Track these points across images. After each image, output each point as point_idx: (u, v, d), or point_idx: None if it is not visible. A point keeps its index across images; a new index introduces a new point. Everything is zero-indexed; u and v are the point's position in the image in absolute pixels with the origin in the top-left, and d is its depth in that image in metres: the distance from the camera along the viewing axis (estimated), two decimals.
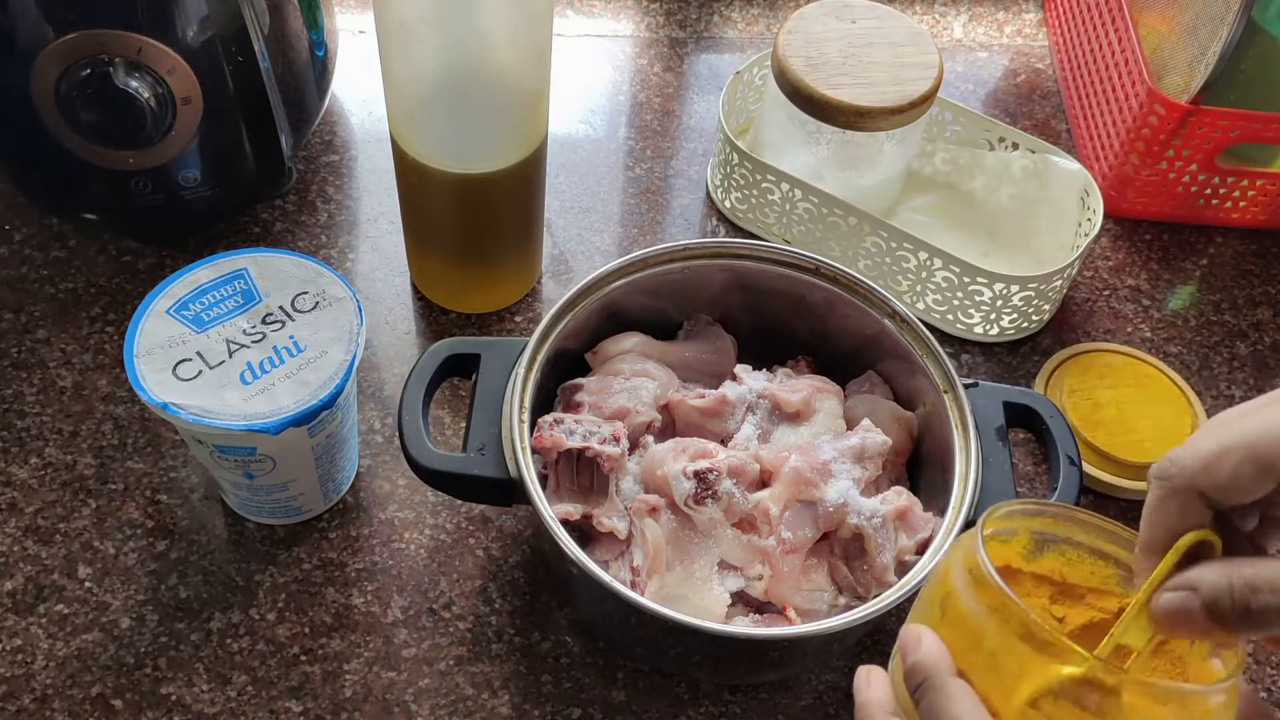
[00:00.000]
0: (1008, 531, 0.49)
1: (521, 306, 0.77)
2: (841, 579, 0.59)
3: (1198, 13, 0.76)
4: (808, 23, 0.78)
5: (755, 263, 0.66)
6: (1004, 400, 0.62)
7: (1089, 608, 0.50)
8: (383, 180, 0.83)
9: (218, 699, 0.60)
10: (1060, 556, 0.51)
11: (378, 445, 0.70)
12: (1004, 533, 0.49)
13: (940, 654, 0.41)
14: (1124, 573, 0.49)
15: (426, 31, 0.60)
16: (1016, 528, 0.49)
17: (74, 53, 0.63)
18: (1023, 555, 0.51)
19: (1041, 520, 0.49)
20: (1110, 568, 0.50)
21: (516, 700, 0.62)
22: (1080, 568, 0.50)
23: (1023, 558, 0.51)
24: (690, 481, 0.58)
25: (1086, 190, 0.78)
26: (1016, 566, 0.51)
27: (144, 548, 0.65)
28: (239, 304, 0.60)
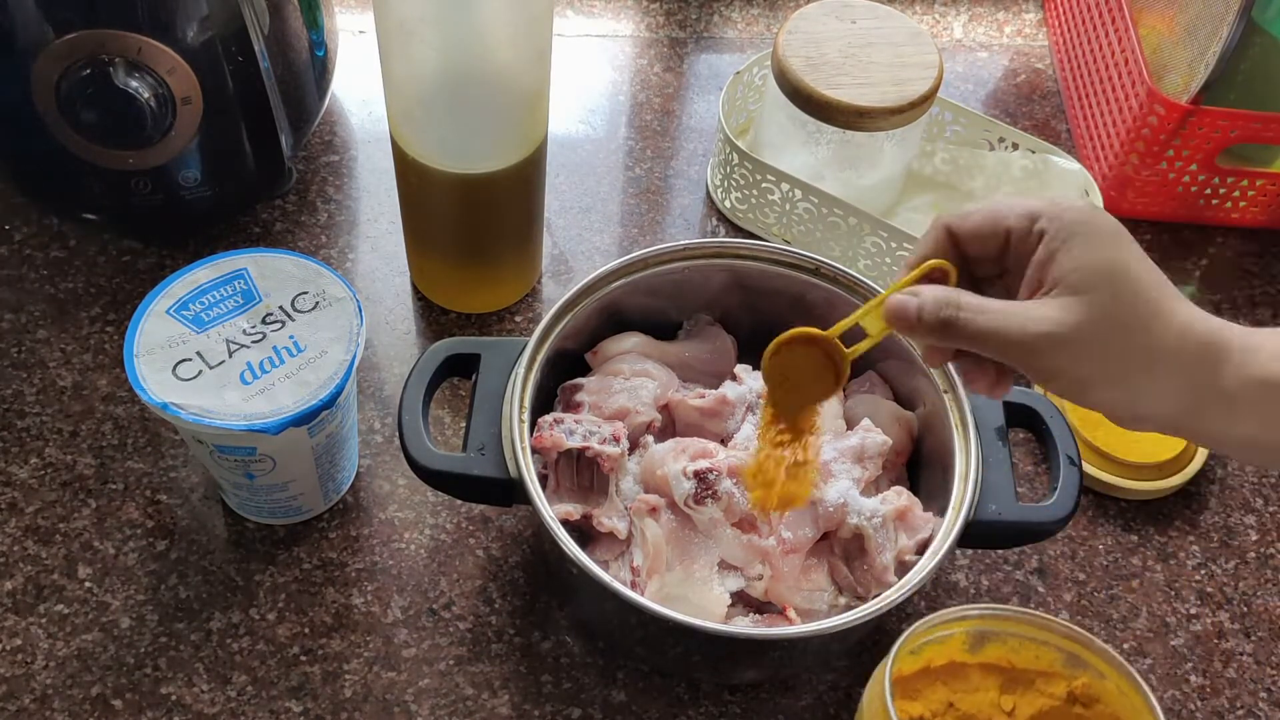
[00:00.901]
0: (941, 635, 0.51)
1: (521, 306, 0.77)
2: (841, 579, 0.59)
3: (1198, 13, 0.76)
4: (808, 23, 0.78)
5: (755, 263, 0.66)
6: (1004, 400, 0.62)
7: (1039, 694, 0.53)
8: (383, 180, 0.83)
9: (218, 699, 0.60)
10: (1003, 645, 0.52)
11: (378, 445, 0.70)
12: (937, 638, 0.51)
13: None
14: (1068, 656, 0.51)
15: (426, 31, 0.60)
16: (951, 631, 0.51)
17: (74, 53, 0.63)
18: (965, 649, 0.52)
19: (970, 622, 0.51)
20: (1054, 652, 0.52)
21: (516, 700, 0.62)
22: (1025, 653, 0.52)
23: (965, 651, 0.52)
24: (690, 481, 0.58)
25: (1086, 190, 0.78)
26: (961, 661, 0.52)
27: (144, 548, 0.65)
28: (239, 304, 0.60)
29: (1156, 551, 0.70)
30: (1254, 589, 0.69)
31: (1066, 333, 0.44)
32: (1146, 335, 0.45)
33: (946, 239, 0.48)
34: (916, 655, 0.52)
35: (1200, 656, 0.66)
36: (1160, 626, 0.67)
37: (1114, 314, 0.44)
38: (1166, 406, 0.46)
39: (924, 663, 0.53)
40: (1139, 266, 0.45)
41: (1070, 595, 0.68)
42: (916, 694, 0.53)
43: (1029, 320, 0.44)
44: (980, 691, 0.53)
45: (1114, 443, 0.71)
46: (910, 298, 0.46)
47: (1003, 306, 0.45)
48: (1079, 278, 0.44)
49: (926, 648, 0.52)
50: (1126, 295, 0.44)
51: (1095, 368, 0.45)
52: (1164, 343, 0.45)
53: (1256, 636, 0.67)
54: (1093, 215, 0.45)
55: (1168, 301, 0.45)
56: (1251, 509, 0.72)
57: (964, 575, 0.68)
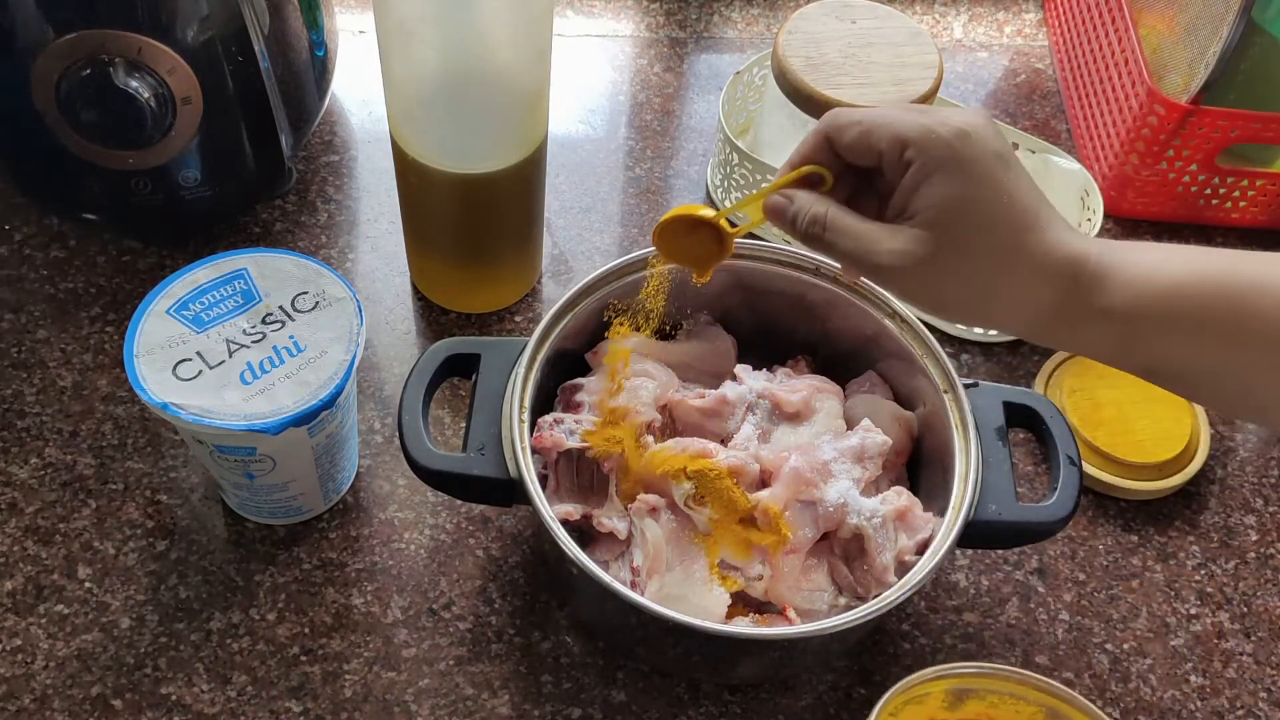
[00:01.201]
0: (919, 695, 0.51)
1: (521, 306, 0.77)
2: (841, 579, 0.59)
3: (1198, 13, 0.76)
4: (808, 23, 0.78)
5: (755, 263, 0.66)
6: (1004, 400, 0.62)
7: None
8: (383, 180, 0.83)
9: (218, 699, 0.60)
10: (982, 701, 0.52)
11: (378, 445, 0.70)
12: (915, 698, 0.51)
13: None
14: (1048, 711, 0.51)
15: (426, 31, 0.60)
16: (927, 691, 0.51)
17: (74, 53, 0.63)
18: (943, 706, 0.52)
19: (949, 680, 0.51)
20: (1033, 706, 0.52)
21: (516, 700, 0.62)
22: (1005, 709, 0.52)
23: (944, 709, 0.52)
24: (690, 482, 0.58)
25: (1086, 190, 0.78)
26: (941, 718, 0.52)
27: (144, 548, 0.65)
28: (239, 304, 0.60)
29: (1156, 551, 0.70)
30: (1254, 589, 0.69)
31: (915, 263, 0.47)
32: (1000, 263, 0.47)
33: (826, 146, 0.50)
34: (896, 717, 0.52)
35: (1200, 656, 0.66)
36: (1160, 626, 0.67)
37: (965, 247, 0.47)
38: (1018, 323, 0.50)
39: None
40: (999, 200, 0.47)
41: (1070, 595, 0.68)
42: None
43: (884, 249, 0.48)
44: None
45: (1114, 443, 0.71)
46: (787, 203, 0.50)
47: (863, 231, 0.48)
48: (934, 214, 0.47)
49: (905, 708, 0.52)
50: (982, 229, 0.47)
51: (947, 292, 0.48)
52: (1020, 268, 0.47)
53: (1256, 636, 0.67)
54: (959, 148, 0.47)
55: (1031, 229, 0.47)
56: (1251, 509, 0.72)
57: (964, 575, 0.68)
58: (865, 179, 0.51)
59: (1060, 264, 0.47)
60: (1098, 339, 0.49)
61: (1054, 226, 0.48)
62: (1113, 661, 0.65)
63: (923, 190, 0.47)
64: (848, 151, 0.50)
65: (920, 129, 0.47)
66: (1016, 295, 0.48)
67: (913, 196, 0.47)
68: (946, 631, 0.65)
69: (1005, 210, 0.47)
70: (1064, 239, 0.48)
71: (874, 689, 0.63)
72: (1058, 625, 0.66)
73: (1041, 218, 0.48)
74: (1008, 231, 0.47)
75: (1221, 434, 0.75)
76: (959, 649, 0.65)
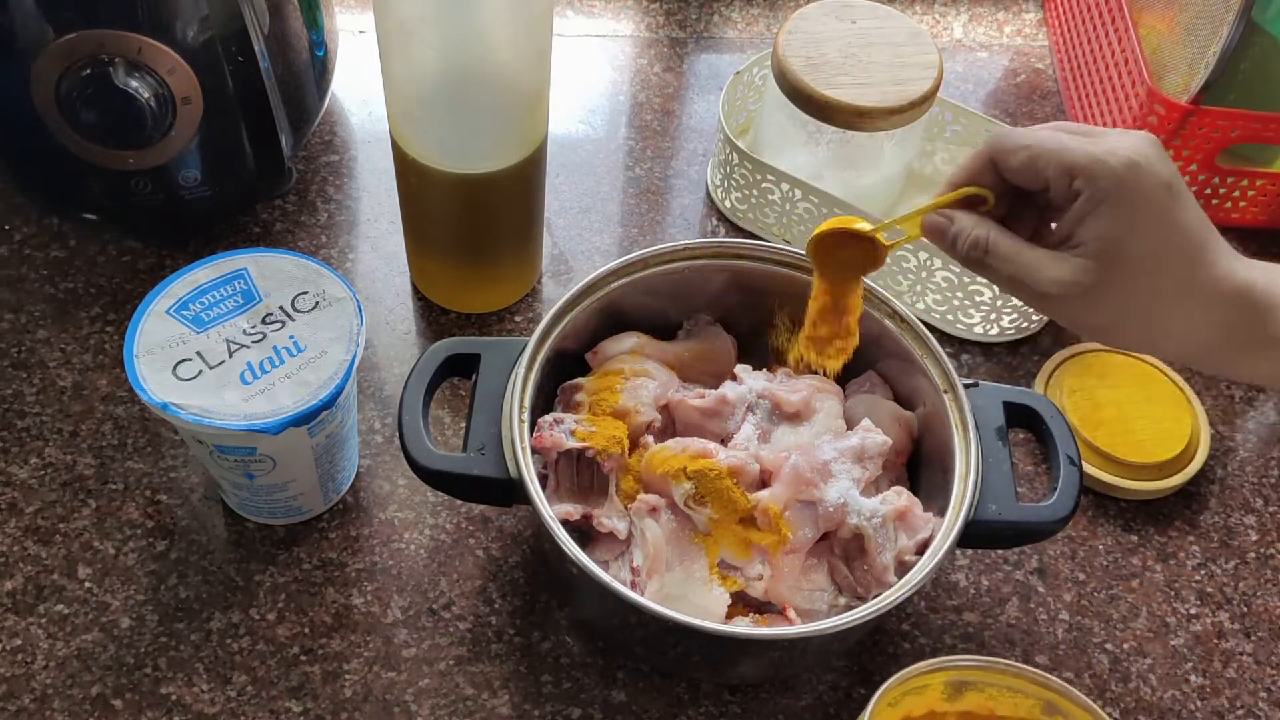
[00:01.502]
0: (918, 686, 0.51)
1: (521, 306, 0.77)
2: (841, 579, 0.59)
3: (1198, 13, 0.76)
4: (808, 23, 0.78)
5: (755, 263, 0.66)
6: (1004, 400, 0.62)
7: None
8: (383, 180, 0.83)
9: (218, 699, 0.60)
10: (981, 693, 0.53)
11: (378, 445, 0.70)
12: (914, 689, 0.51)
13: None
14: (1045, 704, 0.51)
15: (426, 31, 0.60)
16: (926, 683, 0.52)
17: (74, 53, 0.63)
18: (943, 698, 0.53)
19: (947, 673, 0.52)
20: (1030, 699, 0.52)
21: (516, 700, 0.62)
22: (1004, 702, 0.52)
23: (944, 700, 0.53)
24: (690, 482, 0.58)
25: None
26: (941, 710, 0.53)
27: (144, 548, 0.65)
28: (239, 304, 0.60)
29: (1156, 551, 0.70)
30: (1254, 589, 0.69)
31: (1080, 294, 0.47)
32: (1168, 296, 0.47)
33: (989, 167, 0.50)
34: (895, 707, 0.52)
35: (1200, 656, 0.66)
36: (1160, 626, 0.67)
37: (1131, 280, 0.46)
38: (1185, 352, 0.49)
39: (903, 714, 0.53)
40: (1167, 233, 0.46)
41: (1070, 595, 0.68)
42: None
43: (1047, 278, 0.47)
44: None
45: (1114, 443, 0.71)
46: (947, 224, 0.50)
47: (1027, 258, 0.48)
48: (1100, 245, 0.46)
49: (905, 699, 0.52)
50: (1149, 262, 0.46)
51: (1112, 323, 0.48)
52: (1187, 301, 0.47)
53: (1256, 636, 0.67)
54: (1129, 179, 0.46)
55: (1199, 262, 0.47)
56: (1251, 509, 0.72)
57: (964, 575, 0.68)
58: (1025, 196, 0.51)
59: (1229, 295, 0.47)
60: (1270, 366, 0.49)
61: (1222, 256, 0.47)
62: (1113, 661, 0.65)
63: (1089, 221, 0.46)
64: (1013, 175, 0.49)
65: (1089, 158, 0.46)
66: (1184, 326, 0.48)
67: (1079, 226, 0.47)
68: (946, 631, 0.65)
69: (1173, 243, 0.46)
70: (1232, 268, 0.47)
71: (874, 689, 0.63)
72: (1058, 625, 0.66)
73: (1209, 248, 0.47)
74: (1175, 264, 0.47)
75: (1221, 434, 0.75)
76: (959, 649, 0.65)
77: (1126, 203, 0.46)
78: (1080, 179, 0.46)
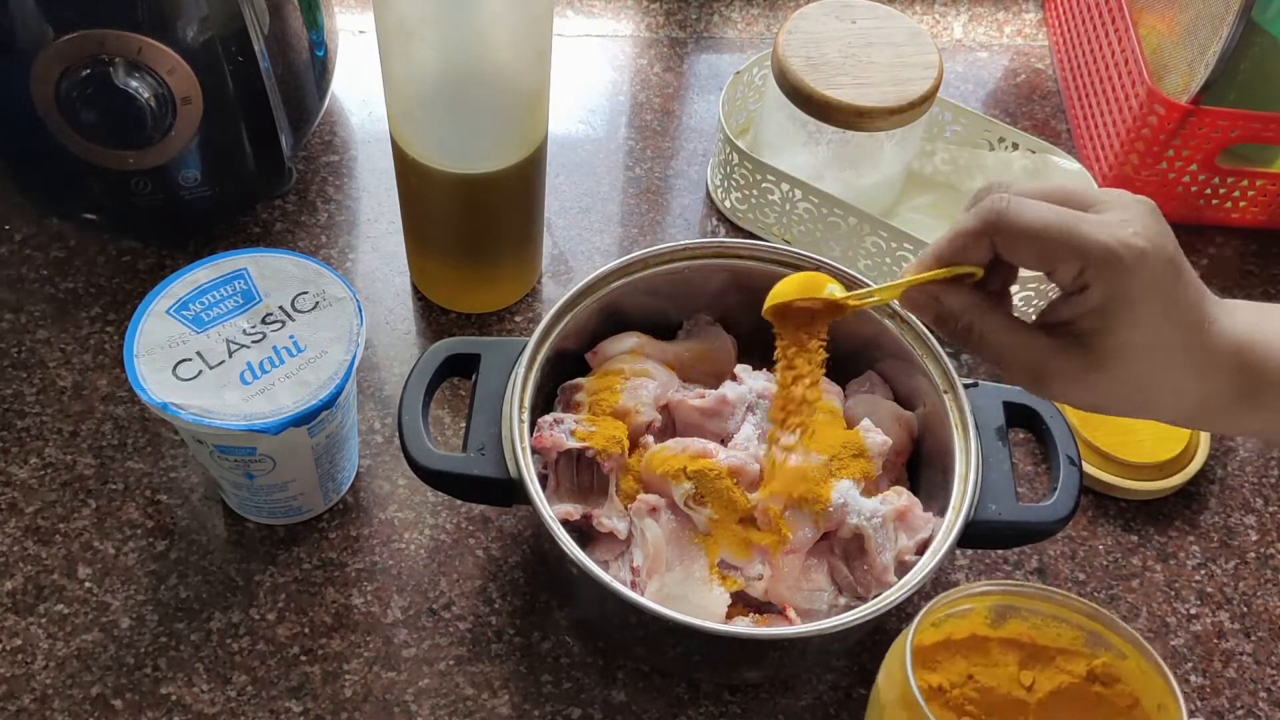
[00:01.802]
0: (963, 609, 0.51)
1: (521, 306, 0.77)
2: (841, 579, 0.59)
3: (1198, 13, 0.76)
4: (808, 23, 0.78)
5: (755, 263, 0.66)
6: (1004, 400, 0.62)
7: (1059, 671, 0.52)
8: (383, 180, 0.83)
9: (218, 699, 0.60)
10: (1025, 622, 0.52)
11: (378, 445, 0.70)
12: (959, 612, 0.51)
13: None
14: (1090, 636, 0.51)
15: (426, 31, 0.60)
16: (973, 606, 0.51)
17: (74, 53, 0.63)
18: (987, 623, 0.52)
19: (993, 597, 0.51)
20: (1076, 630, 0.52)
21: (516, 700, 0.62)
22: (1047, 630, 0.52)
23: (988, 625, 0.52)
24: (690, 482, 0.58)
25: None
26: (984, 635, 0.52)
27: (144, 548, 0.65)
28: (239, 304, 0.60)
29: (1156, 551, 0.70)
30: (1254, 589, 0.69)
31: (1077, 375, 0.46)
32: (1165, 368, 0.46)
33: (987, 245, 0.46)
34: (938, 628, 0.52)
35: (1200, 656, 0.66)
36: (1160, 626, 0.67)
37: (1131, 360, 0.45)
38: (1185, 414, 0.48)
39: (945, 635, 0.52)
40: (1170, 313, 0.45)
41: None
42: (936, 665, 0.52)
43: (1045, 367, 0.46)
44: (1000, 666, 0.53)
45: (1114, 443, 0.71)
46: (935, 304, 0.48)
47: (1021, 346, 0.46)
48: (1104, 336, 0.45)
49: (948, 620, 0.52)
50: (1151, 342, 0.45)
51: (1110, 397, 0.47)
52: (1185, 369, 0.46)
53: (1256, 636, 0.67)
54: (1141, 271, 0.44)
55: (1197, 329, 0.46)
56: (1251, 509, 0.72)
57: (964, 575, 0.68)
58: None
59: (1228, 356, 0.46)
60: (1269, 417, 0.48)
61: (1217, 318, 0.47)
62: None
63: (1095, 314, 0.45)
64: (1015, 259, 0.46)
65: (1103, 251, 0.43)
66: (1183, 393, 0.47)
67: (1082, 315, 0.45)
68: None
69: (1175, 319, 0.45)
70: (1226, 328, 0.47)
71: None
72: None
73: (1206, 315, 0.46)
74: (1176, 341, 0.46)
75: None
76: None
77: (1136, 294, 0.44)
78: (1091, 271, 0.44)
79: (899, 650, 0.49)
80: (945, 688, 0.52)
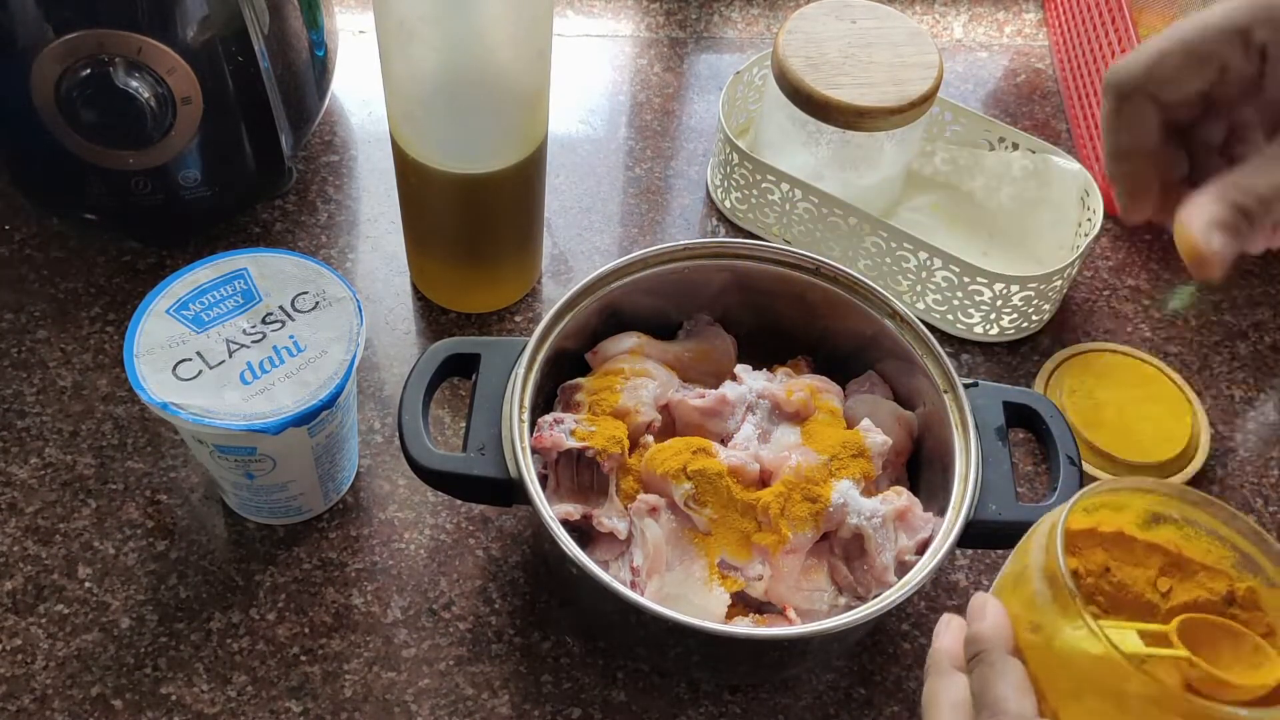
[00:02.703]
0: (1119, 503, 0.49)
1: (521, 306, 0.77)
2: (841, 579, 0.59)
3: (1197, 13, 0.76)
4: (808, 23, 0.78)
5: (755, 263, 0.66)
6: (1004, 400, 0.62)
7: (1198, 585, 0.49)
8: (383, 180, 0.83)
9: (218, 699, 0.60)
10: (1177, 530, 0.50)
11: (378, 445, 0.70)
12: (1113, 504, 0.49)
13: (1000, 628, 0.43)
14: (1242, 558, 0.48)
15: (426, 31, 0.60)
16: (1126, 502, 0.49)
17: (74, 53, 0.63)
18: (1137, 524, 0.50)
19: (1154, 497, 0.49)
20: (1227, 549, 0.49)
21: (516, 700, 0.62)
22: (1197, 544, 0.49)
23: (1138, 526, 0.50)
24: (690, 482, 0.58)
25: (1087, 190, 0.78)
26: (1130, 534, 0.50)
27: (144, 548, 0.65)
28: (239, 304, 0.60)
29: None
30: None
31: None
32: None
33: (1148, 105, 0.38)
34: (1090, 514, 0.50)
35: None
36: None
37: None
38: None
39: (1093, 523, 0.50)
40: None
41: None
42: (1076, 550, 0.51)
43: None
44: (1140, 567, 0.51)
45: (1114, 443, 0.71)
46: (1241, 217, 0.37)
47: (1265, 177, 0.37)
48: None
49: (1100, 510, 0.50)
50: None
51: None
52: None
53: None
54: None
55: None
56: (1251, 509, 0.72)
57: (964, 575, 0.68)
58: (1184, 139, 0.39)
59: None
60: None
61: None
62: None
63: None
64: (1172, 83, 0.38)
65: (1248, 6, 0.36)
66: None
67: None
68: None
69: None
70: None
71: (874, 689, 0.63)
72: None
73: None
74: None
75: (1221, 434, 0.75)
76: None
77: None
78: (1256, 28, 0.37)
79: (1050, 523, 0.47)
80: (1080, 573, 0.50)
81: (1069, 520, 0.48)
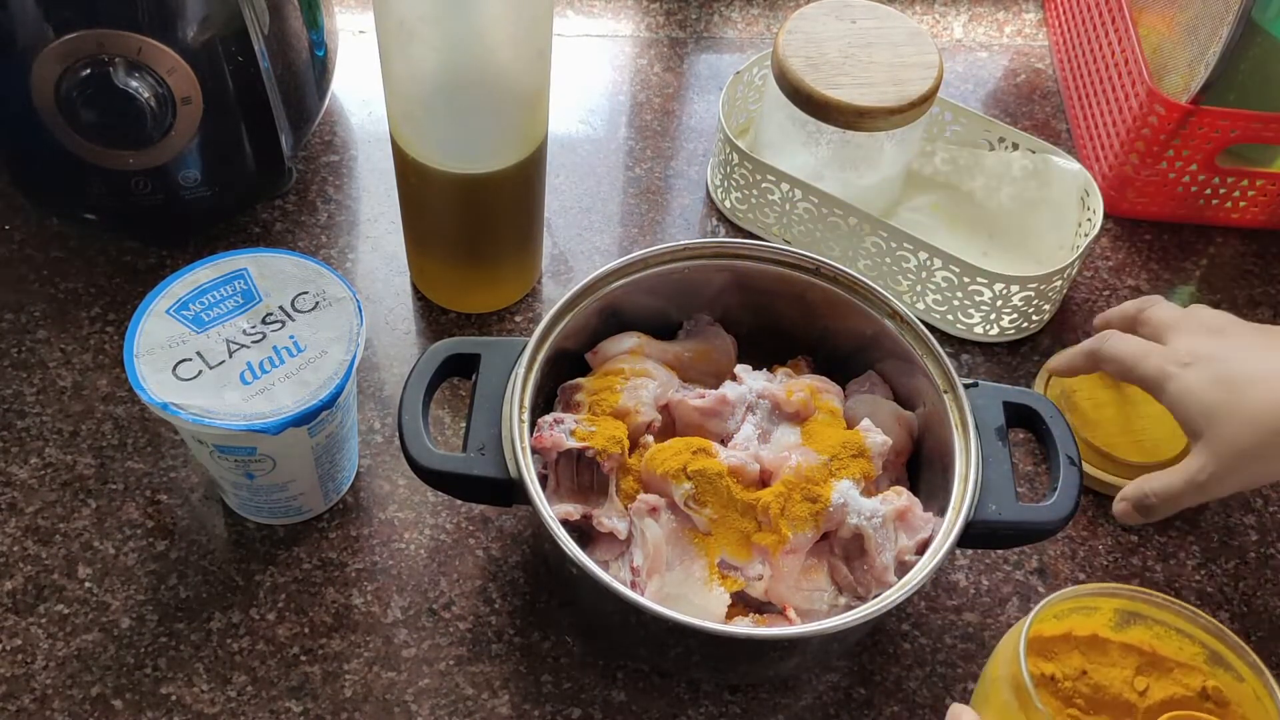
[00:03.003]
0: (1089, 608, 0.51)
1: (521, 306, 0.77)
2: (841, 579, 0.59)
3: (1198, 13, 0.76)
4: (808, 23, 0.78)
5: (755, 263, 0.66)
6: (1004, 400, 0.62)
7: (1174, 682, 0.52)
8: (383, 180, 0.83)
9: (218, 699, 0.60)
10: (1149, 630, 0.52)
11: (378, 445, 0.70)
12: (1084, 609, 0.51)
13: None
14: (1211, 654, 0.51)
15: (426, 31, 0.60)
16: (1096, 605, 0.51)
17: (74, 53, 0.63)
18: (1110, 626, 0.52)
19: (1120, 601, 0.52)
20: (1198, 647, 0.51)
21: (516, 700, 0.62)
22: (1169, 642, 0.52)
23: (1111, 628, 0.52)
24: (690, 482, 0.58)
25: (1086, 190, 0.78)
26: (1105, 636, 0.52)
27: (144, 548, 0.65)
28: (239, 304, 0.60)
29: (1156, 551, 0.70)
30: (1254, 589, 0.69)
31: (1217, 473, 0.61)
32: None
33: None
34: (1060, 620, 0.52)
35: None
36: None
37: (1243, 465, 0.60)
38: None
39: (1066, 629, 0.52)
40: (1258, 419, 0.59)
41: None
42: (1052, 655, 0.52)
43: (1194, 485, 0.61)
44: (1117, 667, 0.53)
45: (1114, 443, 0.71)
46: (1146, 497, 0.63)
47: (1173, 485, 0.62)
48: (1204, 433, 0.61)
49: (1072, 615, 0.52)
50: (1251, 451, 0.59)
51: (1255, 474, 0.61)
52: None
53: (1257, 636, 0.67)
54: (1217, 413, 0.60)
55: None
56: (1251, 509, 0.72)
57: (964, 575, 0.68)
58: None
59: None
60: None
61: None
62: None
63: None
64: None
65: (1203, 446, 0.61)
66: None
67: None
68: (946, 631, 0.65)
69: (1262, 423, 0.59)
70: None
71: (874, 689, 0.63)
72: None
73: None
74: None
75: None
76: (959, 649, 0.65)
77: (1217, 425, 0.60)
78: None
79: (1015, 634, 0.50)
80: (1058, 678, 0.52)
81: (1042, 627, 0.50)
